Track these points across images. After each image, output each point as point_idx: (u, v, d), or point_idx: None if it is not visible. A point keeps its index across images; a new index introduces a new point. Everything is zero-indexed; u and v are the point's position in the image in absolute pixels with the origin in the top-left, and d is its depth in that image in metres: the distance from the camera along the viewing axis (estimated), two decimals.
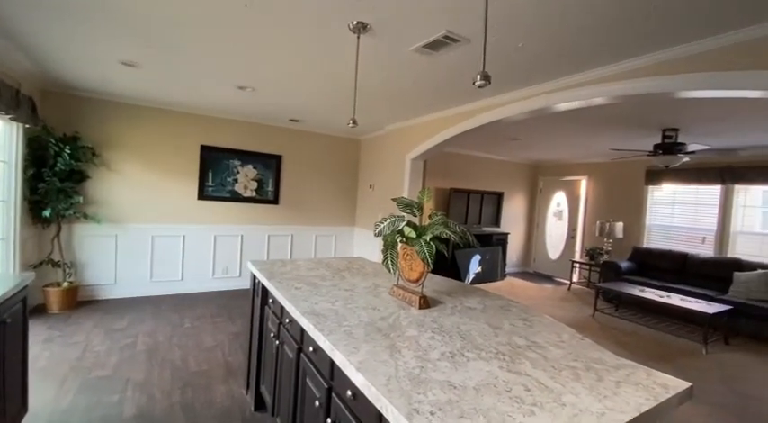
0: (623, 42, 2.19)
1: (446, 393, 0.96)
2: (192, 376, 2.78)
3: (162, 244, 4.74)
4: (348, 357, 1.14)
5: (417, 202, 1.89)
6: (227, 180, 5.10)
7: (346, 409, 1.20)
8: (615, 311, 5.18)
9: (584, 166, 7.21)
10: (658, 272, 5.61)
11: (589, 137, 4.98)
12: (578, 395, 0.99)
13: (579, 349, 1.32)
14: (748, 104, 3.12)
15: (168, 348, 3.22)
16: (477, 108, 3.67)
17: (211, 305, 4.47)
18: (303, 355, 1.61)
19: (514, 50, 2.38)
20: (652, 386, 1.07)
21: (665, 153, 4.27)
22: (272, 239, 5.48)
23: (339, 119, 4.76)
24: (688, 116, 3.67)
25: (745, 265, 4.82)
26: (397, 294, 1.87)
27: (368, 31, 2.16)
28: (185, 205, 4.86)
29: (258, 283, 2.35)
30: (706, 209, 5.59)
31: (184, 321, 3.89)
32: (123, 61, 3.07)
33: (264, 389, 2.23)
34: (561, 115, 3.78)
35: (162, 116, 4.64)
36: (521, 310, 1.79)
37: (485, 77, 1.25)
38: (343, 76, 3.04)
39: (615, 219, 6.45)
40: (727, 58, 2.05)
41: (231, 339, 3.50)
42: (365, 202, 5.95)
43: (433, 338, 1.34)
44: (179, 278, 4.86)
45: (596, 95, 2.68)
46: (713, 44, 2.07)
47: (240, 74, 3.23)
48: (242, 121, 5.15)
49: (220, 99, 4.18)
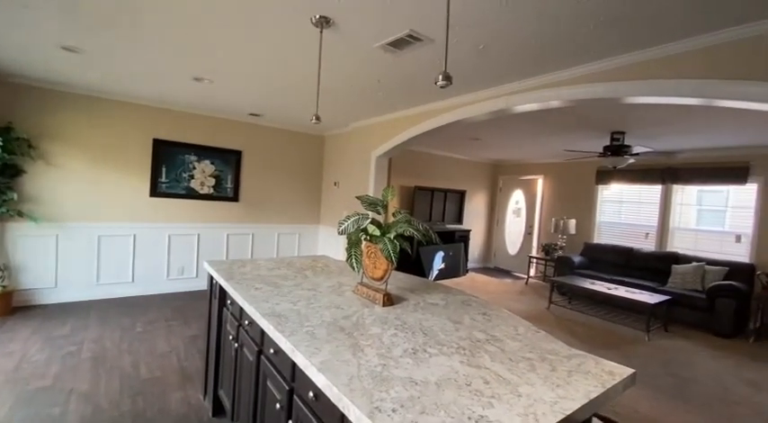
0: (576, 49, 2.30)
1: (408, 390, 0.96)
2: (144, 384, 2.63)
3: (110, 244, 4.43)
4: (309, 358, 1.12)
5: (382, 200, 1.89)
6: (183, 176, 4.86)
7: (308, 410, 1.18)
8: (568, 304, 5.47)
9: (540, 165, 7.55)
10: (607, 265, 5.98)
11: (545, 138, 5.22)
12: (533, 385, 1.03)
13: (535, 341, 1.38)
14: (686, 110, 3.40)
15: (117, 355, 3.03)
16: (441, 108, 3.73)
17: (166, 308, 4.25)
18: (263, 357, 1.56)
19: (476, 52, 2.43)
20: (600, 374, 1.13)
21: (613, 154, 4.56)
22: (231, 238, 5.29)
23: (302, 114, 4.67)
24: (633, 120, 3.94)
25: (681, 259, 5.26)
26: (361, 293, 1.86)
27: (331, 25, 2.13)
28: (136, 202, 4.57)
29: (216, 285, 2.26)
30: (649, 207, 6.03)
31: (135, 326, 3.67)
32: (64, 46, 2.83)
33: (223, 393, 2.15)
34: (520, 116, 3.93)
35: (110, 107, 4.33)
36: (481, 304, 1.85)
37: (446, 78, 1.27)
38: (305, 70, 2.98)
39: (569, 216, 6.81)
40: (666, 67, 2.21)
41: (187, 343, 3.34)
42: (330, 200, 5.89)
43: (396, 336, 1.35)
44: (129, 280, 4.58)
45: (552, 98, 2.80)
46: (656, 54, 2.23)
47: (196, 64, 3.08)
48: (199, 115, 4.92)
49: (175, 90, 3.96)
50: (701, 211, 5.63)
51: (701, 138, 4.53)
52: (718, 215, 5.44)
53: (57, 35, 2.63)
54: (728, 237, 5.23)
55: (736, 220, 5.21)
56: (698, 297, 4.67)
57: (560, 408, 0.92)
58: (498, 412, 0.89)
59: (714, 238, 5.38)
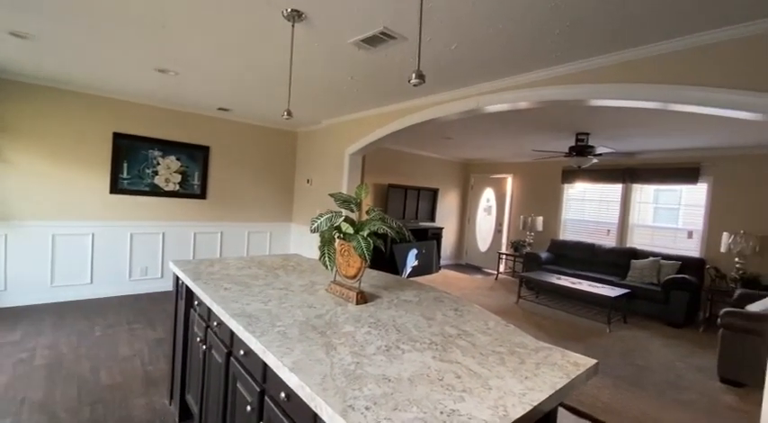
0: (543, 52, 2.38)
1: (381, 387, 0.97)
2: (105, 390, 2.50)
3: (66, 244, 4.17)
4: (281, 359, 1.10)
5: (355, 197, 1.88)
6: (146, 172, 4.64)
7: (280, 411, 1.16)
8: (536, 298, 5.67)
9: (510, 165, 7.76)
10: (572, 261, 6.24)
11: (515, 138, 5.36)
12: (503, 378, 1.06)
13: (504, 335, 1.42)
14: (645, 114, 3.58)
15: (74, 361, 2.86)
16: (414, 106, 3.75)
17: (128, 310, 4.05)
18: (233, 359, 1.52)
19: (448, 52, 2.46)
20: (565, 365, 1.18)
21: (578, 155, 4.75)
22: (198, 237, 5.11)
23: (273, 109, 4.57)
24: (598, 122, 4.12)
25: (639, 254, 5.57)
26: (334, 291, 1.85)
27: (303, 19, 2.09)
28: (95, 200, 4.32)
29: (182, 285, 2.18)
30: (610, 205, 6.33)
31: (95, 330, 3.48)
32: (12, 31, 2.62)
33: (191, 398, 2.08)
34: (491, 116, 4.01)
35: (65, 98, 4.07)
36: (453, 300, 1.88)
37: (419, 76, 1.28)
38: (277, 65, 2.91)
39: (536, 213, 7.05)
40: (628, 72, 2.32)
41: (152, 347, 3.20)
42: (303, 198, 5.80)
43: (370, 333, 1.35)
44: (88, 281, 4.33)
45: (521, 99, 2.88)
46: (618, 59, 2.33)
47: (161, 55, 2.94)
48: (163, 108, 4.71)
49: (137, 82, 3.77)
50: (658, 209, 5.97)
51: (659, 140, 4.80)
52: (673, 213, 5.79)
53: (4, 19, 2.43)
54: (681, 233, 5.58)
55: (688, 218, 5.56)
56: (654, 290, 4.96)
57: (529, 399, 0.95)
58: (469, 406, 0.91)
59: (669, 235, 5.72)
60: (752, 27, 1.86)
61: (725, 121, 3.51)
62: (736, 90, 1.91)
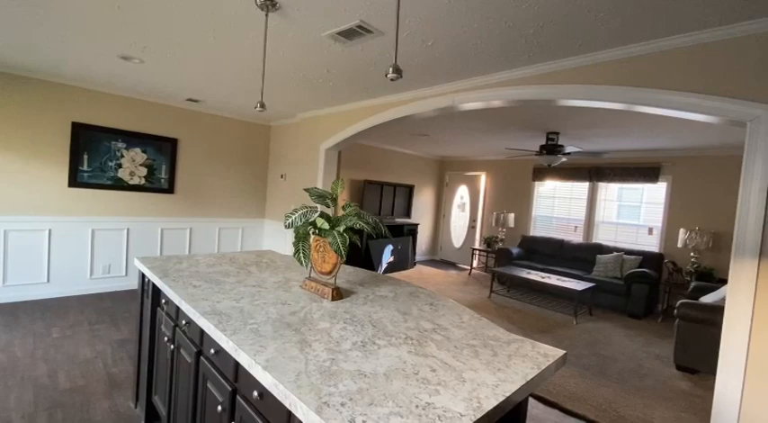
0: (516, 52, 2.42)
1: (357, 383, 0.96)
2: (64, 394, 2.37)
3: (19, 240, 3.91)
4: (254, 357, 1.07)
5: (331, 192, 1.86)
6: (109, 165, 4.40)
7: (252, 410, 1.13)
8: (507, 292, 5.82)
9: (483, 162, 7.91)
10: (541, 256, 6.45)
11: (488, 136, 5.46)
12: (477, 371, 1.08)
13: (478, 329, 1.44)
14: (611, 115, 3.73)
15: (30, 364, 2.69)
16: (390, 102, 3.74)
17: (89, 310, 3.85)
18: (203, 358, 1.47)
19: (425, 48, 2.46)
20: (536, 356, 1.21)
21: (548, 153, 4.89)
22: (166, 233, 4.91)
23: (246, 102, 4.44)
24: (567, 122, 4.25)
25: (604, 249, 5.82)
26: (309, 287, 1.82)
27: (277, 9, 2.03)
28: (51, 193, 4.06)
29: (148, 283, 2.08)
30: (578, 202, 6.58)
31: (52, 331, 3.29)
32: None
33: (158, 399, 2.00)
34: (465, 114, 4.07)
35: (18, 85, 3.79)
36: (428, 295, 1.89)
37: (396, 70, 1.27)
38: (249, 55, 2.82)
39: (508, 210, 7.23)
40: (596, 74, 2.41)
41: (115, 348, 3.06)
42: (276, 193, 5.69)
43: (345, 329, 1.34)
44: (44, 280, 4.08)
45: (495, 98, 2.93)
46: (587, 61, 2.41)
47: (122, 41, 2.78)
48: (127, 98, 4.48)
49: (99, 70, 3.56)
50: (621, 207, 6.26)
51: (623, 141, 5.02)
52: (635, 210, 6.08)
53: None
54: (643, 229, 5.88)
55: (649, 215, 5.86)
56: (617, 283, 5.21)
57: (501, 390, 0.97)
58: (444, 399, 0.91)
59: (631, 231, 6.01)
60: (707, 34, 1.97)
61: (684, 123, 3.71)
62: (694, 93, 2.01)
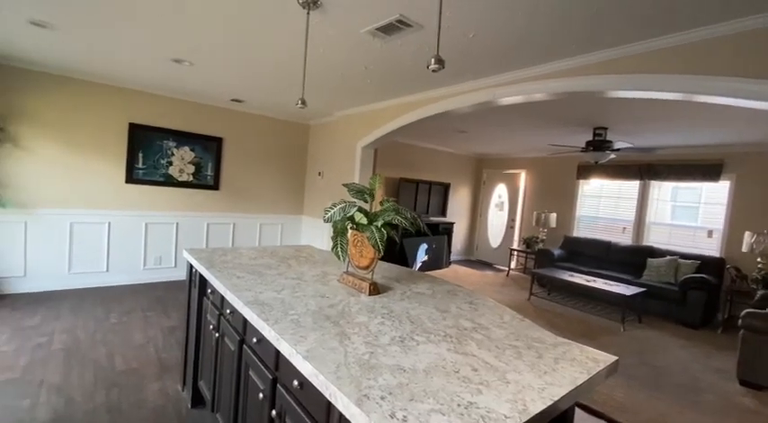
0: (563, 42, 2.31)
1: (396, 377, 0.95)
2: (120, 375, 2.54)
3: (83, 232, 4.25)
4: (295, 346, 1.09)
5: (369, 188, 1.86)
6: (161, 162, 4.69)
7: (292, 399, 1.15)
8: (548, 295, 5.60)
9: (523, 160, 7.64)
10: (585, 258, 6.13)
11: (530, 132, 5.26)
12: (521, 373, 1.03)
13: (520, 330, 1.39)
14: (666, 106, 3.47)
15: (91, 346, 2.92)
16: (427, 98, 3.70)
17: (142, 298, 4.12)
18: (246, 346, 1.52)
19: (466, 40, 2.41)
20: (585, 361, 1.14)
21: (595, 149, 4.64)
22: (211, 228, 5.15)
23: (286, 101, 4.56)
24: (616, 116, 4.00)
25: (656, 252, 5.44)
26: (346, 281, 1.83)
27: (318, 6, 2.06)
28: (111, 189, 4.39)
29: (196, 273, 2.19)
30: (626, 202, 6.19)
31: (110, 316, 3.55)
32: (33, 21, 2.65)
33: (203, 384, 2.10)
34: (505, 110, 3.94)
35: (83, 88, 4.12)
36: (467, 294, 1.85)
37: (439, 61, 1.24)
38: (291, 54, 2.89)
39: (550, 210, 6.93)
40: (650, 62, 2.24)
41: (166, 334, 3.25)
42: (314, 190, 5.81)
43: (383, 324, 1.33)
44: (104, 269, 4.41)
45: (537, 91, 2.81)
46: (640, 49, 2.25)
47: (176, 45, 2.94)
48: (178, 99, 4.74)
49: (153, 73, 3.79)
50: (676, 207, 5.82)
51: (680, 135, 4.66)
52: (692, 211, 5.63)
53: (25, 8, 2.46)
54: (701, 232, 5.43)
55: (708, 216, 5.40)
56: (671, 289, 4.85)
57: (548, 394, 0.92)
58: (487, 399, 0.88)
59: (687, 233, 5.57)
60: None
61: (751, 114, 3.38)
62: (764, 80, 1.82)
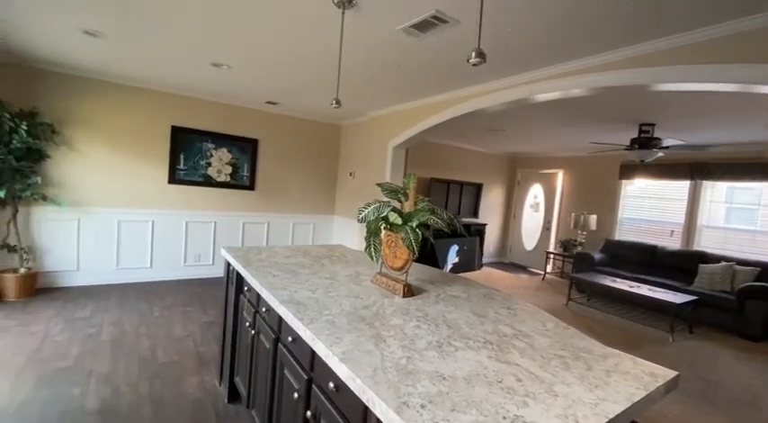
0: (606, 34, 2.17)
1: (436, 385, 0.91)
2: (162, 367, 2.65)
3: (129, 229, 4.49)
4: (331, 348, 1.07)
5: (403, 187, 1.82)
6: (200, 163, 4.87)
7: (328, 401, 1.14)
8: (587, 301, 5.34)
9: (561, 159, 7.34)
10: (628, 263, 5.80)
11: (568, 130, 5.04)
12: (570, 385, 0.96)
13: (565, 338, 1.31)
14: (719, 100, 3.21)
15: (135, 339, 3.07)
16: (461, 96, 3.61)
17: (182, 294, 4.30)
18: (281, 345, 1.53)
19: (503, 35, 2.32)
20: (641, 375, 1.06)
21: (641, 147, 4.37)
22: (247, 227, 5.30)
23: (319, 102, 4.61)
24: (664, 111, 3.75)
25: (709, 258, 5.05)
26: (380, 282, 1.81)
27: (354, 5, 2.05)
28: (155, 189, 4.61)
29: (233, 271, 2.24)
30: (675, 203, 5.79)
31: (153, 310, 3.72)
32: (86, 30, 2.82)
33: (239, 380, 2.14)
34: (542, 106, 3.78)
35: (130, 93, 4.35)
36: (504, 298, 1.77)
37: (480, 55, 1.19)
38: (325, 55, 2.91)
39: (589, 211, 6.61)
40: (699, 53, 2.07)
41: (203, 329, 3.36)
42: (345, 191, 5.84)
43: (419, 328, 1.29)
44: (148, 265, 4.64)
45: (576, 86, 2.68)
46: (693, 38, 2.08)
47: (215, 49, 3.04)
48: (216, 102, 4.91)
49: (194, 77, 3.95)
50: (731, 209, 5.38)
51: (736, 131, 4.30)
52: (750, 213, 5.19)
53: (80, 19, 2.62)
54: (761, 236, 4.99)
55: None
56: (726, 298, 4.48)
57: (603, 410, 0.85)
58: (534, 412, 0.82)
59: (745, 237, 5.13)
60: None
61: None
62: None
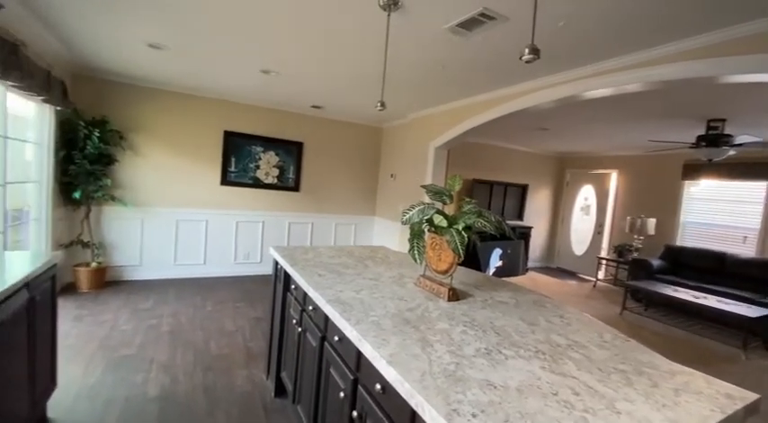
0: (671, 23, 2.01)
1: (486, 394, 0.88)
2: (214, 360, 2.80)
3: (186, 228, 4.80)
4: (378, 350, 1.07)
5: (448, 189, 1.80)
6: (250, 166, 5.11)
7: (374, 403, 1.14)
8: (644, 311, 4.97)
9: (615, 158, 6.90)
10: (693, 272, 5.32)
11: (623, 128, 4.73)
12: (633, 402, 0.89)
13: (626, 351, 1.22)
14: None
15: (191, 331, 3.26)
16: (505, 95, 3.50)
17: (233, 290, 4.52)
18: (327, 343, 1.56)
19: (553, 31, 2.22)
20: (715, 396, 0.96)
21: (709, 145, 4.00)
22: (292, 227, 5.48)
23: (362, 105, 4.67)
24: (736, 105, 3.41)
25: None
26: (423, 285, 1.79)
27: (399, 7, 2.05)
28: (209, 190, 4.89)
29: (280, 269, 2.32)
30: (748, 206, 5.24)
31: (207, 305, 3.94)
32: (150, 44, 3.05)
33: (285, 376, 2.21)
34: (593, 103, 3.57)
35: (187, 101, 4.66)
36: (555, 306, 1.69)
37: (533, 51, 1.14)
38: (369, 58, 2.94)
39: (647, 215, 6.15)
40: None
41: (252, 325, 3.51)
42: (386, 192, 5.87)
43: (466, 333, 1.26)
44: (201, 262, 4.93)
45: (633, 81, 2.51)
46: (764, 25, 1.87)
47: (265, 56, 3.17)
48: (264, 108, 5.13)
49: (244, 84, 4.15)
50: None
51: None
52: None
53: (145, 33, 2.84)
54: None
55: None
56: None
57: None
58: None
59: None
60: None
61: None
62: None
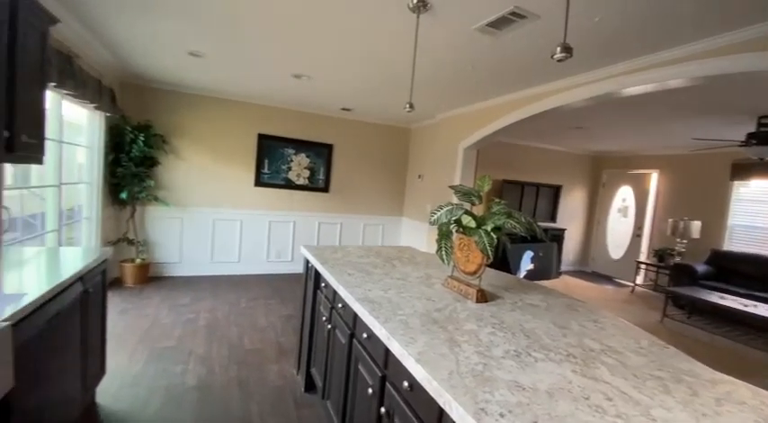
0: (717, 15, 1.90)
1: (515, 395, 0.88)
2: (247, 354, 2.91)
3: (221, 227, 5.01)
4: (406, 348, 1.09)
5: (477, 190, 1.79)
6: (282, 168, 5.26)
7: (402, 400, 1.16)
8: (687, 319, 4.70)
9: (655, 158, 6.57)
10: (742, 278, 4.98)
11: (664, 126, 4.50)
12: (671, 410, 0.87)
13: (664, 358, 1.17)
14: None
15: (226, 326, 3.41)
16: (538, 93, 3.43)
17: (265, 287, 4.67)
18: (356, 341, 1.59)
19: (588, 26, 2.16)
20: (760, 407, 0.91)
21: (760, 143, 3.74)
22: (322, 227, 5.60)
23: (391, 106, 4.70)
24: None
25: None
26: (451, 286, 1.79)
27: (428, 9, 2.07)
28: (243, 191, 5.08)
29: (311, 268, 2.38)
30: None
31: (241, 301, 4.10)
32: (191, 52, 3.22)
33: (315, 371, 2.27)
34: (632, 101, 3.43)
35: (223, 106, 4.87)
36: (589, 310, 1.65)
37: (566, 49, 1.12)
38: (397, 60, 2.96)
39: (691, 217, 5.82)
40: None
41: (283, 321, 3.62)
42: (413, 193, 5.88)
43: (495, 334, 1.26)
44: (236, 260, 5.13)
45: (675, 77, 2.39)
46: None
47: (297, 62, 3.27)
48: (296, 111, 5.27)
49: (277, 88, 4.29)
50: None
51: None
52: None
53: (186, 42, 3.00)
54: None
55: None
56: None
57: None
58: None
59: None
60: None
61: None
62: None
